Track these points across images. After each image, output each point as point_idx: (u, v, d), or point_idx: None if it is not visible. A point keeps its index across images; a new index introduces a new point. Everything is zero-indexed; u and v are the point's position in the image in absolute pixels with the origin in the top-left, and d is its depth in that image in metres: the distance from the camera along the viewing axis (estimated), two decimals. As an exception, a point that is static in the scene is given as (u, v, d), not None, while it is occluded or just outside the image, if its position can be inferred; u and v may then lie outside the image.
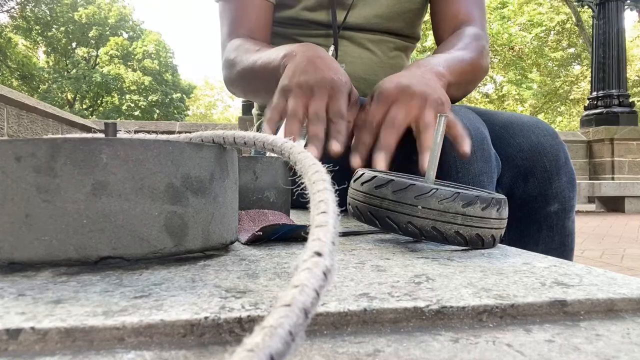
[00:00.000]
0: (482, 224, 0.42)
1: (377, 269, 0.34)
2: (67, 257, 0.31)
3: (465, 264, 0.36)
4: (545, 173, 0.77)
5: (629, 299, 0.27)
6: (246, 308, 0.24)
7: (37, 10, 20.68)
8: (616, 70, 7.16)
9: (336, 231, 0.21)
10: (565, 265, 0.36)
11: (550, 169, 0.77)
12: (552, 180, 0.76)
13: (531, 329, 0.24)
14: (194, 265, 0.35)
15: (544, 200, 0.77)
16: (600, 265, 2.48)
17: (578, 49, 16.55)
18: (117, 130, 0.42)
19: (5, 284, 0.29)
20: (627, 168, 6.87)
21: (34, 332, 0.21)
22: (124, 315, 0.23)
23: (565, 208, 0.78)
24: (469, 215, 0.41)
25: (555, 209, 0.77)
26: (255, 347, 0.14)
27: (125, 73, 21.66)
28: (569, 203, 0.78)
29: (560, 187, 0.77)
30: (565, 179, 0.77)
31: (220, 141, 0.38)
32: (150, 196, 0.33)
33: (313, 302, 0.16)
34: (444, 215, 0.41)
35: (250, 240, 0.44)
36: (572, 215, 0.80)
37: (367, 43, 0.94)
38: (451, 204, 0.41)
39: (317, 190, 0.24)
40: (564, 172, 0.77)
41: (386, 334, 0.23)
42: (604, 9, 7.20)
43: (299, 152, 0.30)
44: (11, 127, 3.94)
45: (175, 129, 6.16)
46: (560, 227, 0.78)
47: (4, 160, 0.31)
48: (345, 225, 0.61)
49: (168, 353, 0.21)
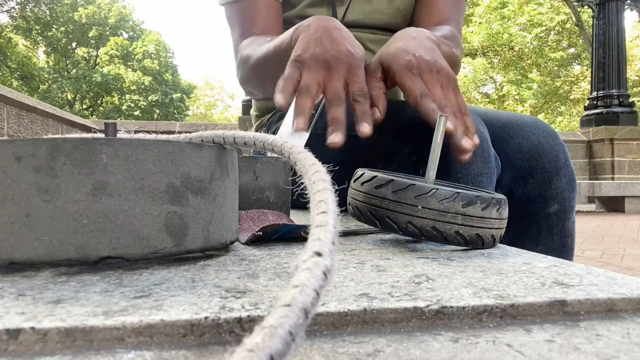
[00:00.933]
0: (482, 224, 0.42)
1: (377, 269, 0.34)
2: (67, 257, 0.31)
3: (465, 264, 0.36)
4: (544, 174, 0.76)
5: (629, 299, 0.27)
6: (246, 308, 0.24)
7: (37, 10, 20.69)
8: (616, 70, 7.15)
9: (336, 231, 0.21)
10: (565, 265, 0.36)
11: (549, 169, 0.76)
12: (552, 181, 0.76)
13: (531, 329, 0.24)
14: (194, 265, 0.35)
15: (544, 201, 0.77)
16: (600, 265, 2.48)
17: (578, 49, 16.55)
18: (117, 130, 0.42)
19: (5, 284, 0.29)
20: (627, 168, 6.87)
21: (34, 332, 0.21)
22: (124, 315, 0.23)
23: (565, 209, 0.78)
24: (469, 215, 0.41)
25: (555, 210, 0.77)
26: (255, 347, 0.14)
27: (125, 73, 21.66)
28: (568, 204, 0.78)
29: (560, 188, 0.77)
30: (565, 179, 0.77)
31: (220, 141, 0.38)
32: (150, 196, 0.33)
33: (313, 302, 0.16)
34: (444, 215, 0.41)
35: (250, 240, 0.44)
36: (572, 215, 0.80)
37: (367, 43, 0.94)
38: (451, 204, 0.41)
39: (317, 190, 0.24)
40: (564, 173, 0.77)
41: (386, 334, 0.23)
42: (604, 9, 7.19)
43: (299, 152, 0.30)
44: (11, 127, 3.94)
45: (175, 129, 6.16)
46: (560, 228, 0.78)
47: (4, 160, 0.31)
48: (345, 225, 0.61)
49: (168, 353, 0.21)
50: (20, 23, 20.22)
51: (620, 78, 7.18)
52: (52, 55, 21.96)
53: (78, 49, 22.37)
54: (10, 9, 20.18)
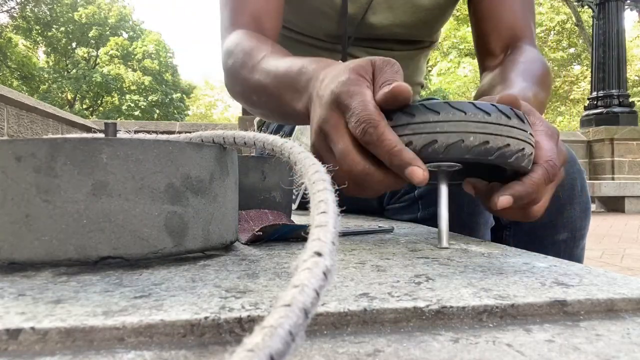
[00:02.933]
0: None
1: (377, 269, 0.34)
2: (67, 257, 0.31)
3: (465, 264, 0.36)
4: (557, 202, 0.70)
5: (629, 299, 0.27)
6: (246, 308, 0.24)
7: (37, 10, 20.68)
8: (616, 70, 7.15)
9: (336, 231, 0.21)
10: (565, 265, 0.36)
11: (563, 198, 0.71)
12: (564, 210, 0.72)
13: (531, 329, 0.24)
14: (194, 265, 0.35)
15: (553, 229, 0.73)
16: (600, 265, 2.49)
17: (578, 49, 16.55)
18: (117, 130, 0.42)
19: (5, 284, 0.29)
20: (627, 168, 6.87)
21: (34, 332, 0.21)
22: (124, 315, 0.23)
23: (575, 237, 0.73)
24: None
25: (565, 238, 0.73)
26: (255, 347, 0.14)
27: (125, 73, 21.66)
28: (579, 232, 0.73)
29: (572, 217, 0.72)
30: (579, 208, 0.72)
31: (220, 141, 0.38)
32: (150, 196, 0.33)
33: (313, 302, 0.16)
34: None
35: (250, 240, 0.44)
36: (582, 243, 0.75)
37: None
38: None
39: (317, 190, 0.24)
40: (578, 202, 0.72)
41: (386, 334, 0.23)
42: (604, 9, 7.19)
43: (299, 152, 0.30)
44: (11, 127, 3.94)
45: (175, 129, 6.16)
46: (568, 255, 0.74)
47: (4, 160, 0.31)
48: (345, 225, 0.61)
49: (168, 353, 0.21)
50: (20, 23, 20.22)
51: (620, 78, 7.18)
52: (52, 55, 21.96)
53: (78, 49, 22.36)
54: (10, 9, 20.18)
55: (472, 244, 0.47)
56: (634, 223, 4.60)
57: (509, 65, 0.70)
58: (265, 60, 0.60)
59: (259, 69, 0.61)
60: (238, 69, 0.66)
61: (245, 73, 0.64)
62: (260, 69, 0.60)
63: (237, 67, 0.66)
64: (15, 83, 19.31)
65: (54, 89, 20.44)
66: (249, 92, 0.64)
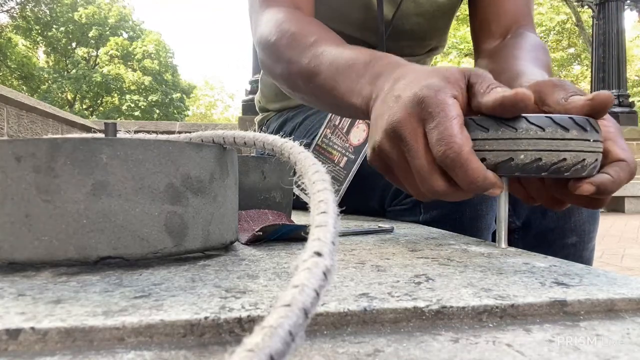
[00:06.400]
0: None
1: (377, 269, 0.34)
2: (67, 257, 0.31)
3: (465, 264, 0.36)
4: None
5: (629, 299, 0.27)
6: (246, 308, 0.24)
7: (37, 10, 20.68)
8: (616, 70, 7.15)
9: (336, 231, 0.21)
10: (565, 265, 0.36)
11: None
12: (572, 215, 0.72)
13: (531, 329, 0.24)
14: (194, 265, 0.35)
15: (562, 233, 0.73)
16: (600, 265, 2.48)
17: (578, 49, 16.55)
18: (117, 130, 0.42)
19: (5, 284, 0.29)
20: (627, 168, 6.86)
21: (34, 332, 0.21)
22: (124, 315, 0.23)
23: (584, 240, 0.73)
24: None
25: (574, 242, 0.73)
26: (255, 347, 0.14)
27: (125, 73, 21.66)
28: (587, 236, 0.73)
29: (579, 221, 0.72)
30: (587, 213, 0.72)
31: (220, 141, 0.38)
32: (150, 196, 0.33)
33: (313, 302, 0.16)
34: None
35: (250, 240, 0.44)
36: (590, 245, 0.75)
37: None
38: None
39: (317, 190, 0.24)
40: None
41: (386, 334, 0.23)
42: (604, 9, 7.19)
43: (299, 152, 0.30)
44: (11, 127, 3.94)
45: (175, 129, 6.16)
46: (578, 258, 0.74)
47: (4, 160, 0.31)
48: (345, 225, 0.61)
49: (168, 353, 0.21)
50: (20, 23, 20.21)
51: (620, 78, 7.18)
52: (52, 55, 21.96)
53: (78, 49, 22.36)
54: (10, 9, 20.18)
55: (472, 244, 0.47)
56: (634, 223, 4.60)
57: (517, 52, 0.67)
58: (319, 46, 0.56)
59: (311, 54, 0.56)
60: (283, 49, 0.61)
61: (293, 55, 0.59)
62: (312, 54, 0.56)
63: (282, 46, 0.62)
64: (15, 83, 19.32)
65: (54, 89, 20.43)
66: (295, 75, 0.60)
